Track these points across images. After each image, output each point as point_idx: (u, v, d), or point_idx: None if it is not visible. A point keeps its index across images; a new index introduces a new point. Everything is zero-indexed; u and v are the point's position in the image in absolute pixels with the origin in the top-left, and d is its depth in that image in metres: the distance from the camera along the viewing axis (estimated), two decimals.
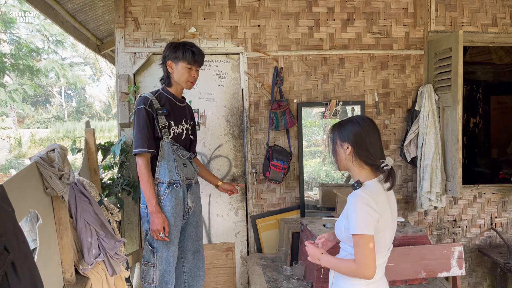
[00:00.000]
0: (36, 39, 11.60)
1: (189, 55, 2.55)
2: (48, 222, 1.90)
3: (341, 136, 1.83)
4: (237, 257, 3.54)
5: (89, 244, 2.09)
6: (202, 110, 3.44)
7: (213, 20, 3.36)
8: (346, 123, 1.85)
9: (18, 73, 11.11)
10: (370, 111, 3.55)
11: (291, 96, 3.47)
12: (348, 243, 1.82)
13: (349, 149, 1.80)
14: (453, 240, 3.70)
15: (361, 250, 1.66)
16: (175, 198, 2.57)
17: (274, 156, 3.28)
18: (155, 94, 2.61)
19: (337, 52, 3.49)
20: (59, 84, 22.57)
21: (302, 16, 3.45)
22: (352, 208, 1.72)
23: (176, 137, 2.63)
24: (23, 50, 10.67)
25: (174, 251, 2.60)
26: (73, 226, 2.11)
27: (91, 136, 2.85)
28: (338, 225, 1.88)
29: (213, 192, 3.47)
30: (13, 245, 1.29)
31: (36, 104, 23.77)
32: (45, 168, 1.79)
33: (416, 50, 3.57)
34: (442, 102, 3.41)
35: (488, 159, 5.24)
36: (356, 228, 1.66)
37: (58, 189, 1.83)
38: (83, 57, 25.06)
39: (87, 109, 27.29)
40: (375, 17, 3.52)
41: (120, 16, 3.25)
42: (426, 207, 3.38)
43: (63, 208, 1.95)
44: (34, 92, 11.61)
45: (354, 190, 1.79)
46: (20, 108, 11.75)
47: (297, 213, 3.52)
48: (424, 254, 2.66)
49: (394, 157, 3.60)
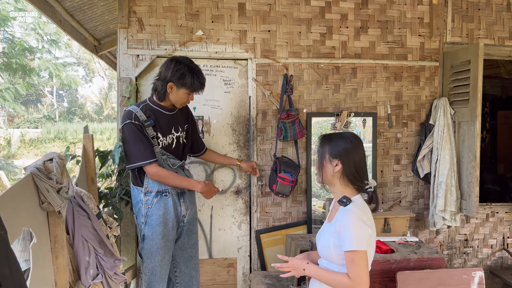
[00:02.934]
0: (31, 37, 11.34)
1: (196, 86, 2.54)
2: (43, 240, 1.71)
3: (332, 152, 1.81)
4: (239, 274, 3.36)
5: (86, 264, 1.90)
6: (206, 117, 3.26)
7: (221, 23, 3.20)
8: (338, 139, 1.83)
9: (11, 72, 10.84)
10: (382, 123, 3.40)
11: (300, 106, 3.31)
12: (337, 261, 1.78)
13: (339, 166, 1.78)
14: (464, 261, 3.56)
15: (357, 267, 1.64)
16: (164, 207, 2.56)
17: (282, 168, 3.11)
18: (140, 105, 2.59)
19: (350, 61, 3.34)
20: (51, 84, 22.26)
21: (314, 22, 3.30)
22: (346, 225, 1.68)
23: (166, 147, 2.62)
24: (17, 48, 10.40)
25: (160, 260, 2.58)
26: (69, 243, 1.91)
27: (90, 142, 2.65)
28: (323, 243, 1.83)
29: (215, 204, 3.29)
30: (5, 274, 1.10)
31: (27, 104, 23.42)
32: (42, 180, 1.60)
33: (431, 61, 3.43)
34: (458, 116, 3.27)
35: (494, 175, 5.12)
36: (353, 245, 1.64)
37: (55, 204, 1.64)
38: (76, 58, 24.79)
39: (79, 110, 26.98)
40: (389, 25, 3.38)
41: (123, 16, 3.07)
42: (439, 226, 3.23)
43: (59, 224, 1.76)
44: (27, 92, 11.32)
45: (343, 206, 1.76)
46: (12, 107, 11.46)
47: (304, 228, 3.34)
48: (443, 279, 2.50)
49: (406, 172, 3.45)
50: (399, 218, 3.04)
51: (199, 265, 2.90)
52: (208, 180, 3.27)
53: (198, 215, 3.24)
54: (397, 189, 3.45)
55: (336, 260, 1.76)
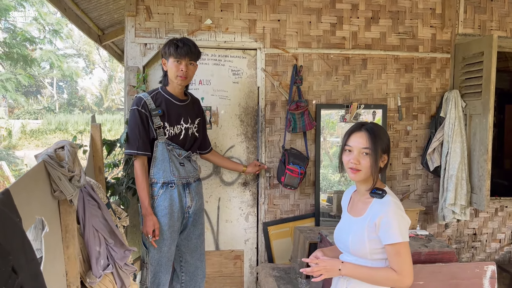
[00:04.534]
0: (32, 27, 11.23)
1: (172, 49, 2.47)
2: (54, 230, 1.67)
3: (383, 147, 1.74)
4: (246, 266, 3.33)
5: (97, 254, 1.86)
6: (214, 108, 3.22)
7: (230, 12, 3.14)
8: (382, 132, 1.76)
9: (12, 62, 10.75)
10: (392, 115, 3.36)
11: (309, 97, 3.26)
12: (370, 257, 1.71)
13: (386, 161, 1.76)
14: (472, 255, 3.53)
15: (404, 258, 1.60)
16: (169, 198, 2.56)
17: (290, 160, 3.07)
18: (151, 93, 2.57)
19: (360, 52, 3.29)
20: (51, 75, 22.15)
21: (324, 12, 3.24)
22: (389, 217, 1.63)
23: (172, 137, 2.59)
24: (18, 38, 10.31)
25: (166, 252, 2.59)
26: (79, 233, 1.87)
27: (97, 131, 2.60)
28: (354, 239, 1.74)
29: (222, 196, 3.26)
30: (22, 264, 1.07)
31: (27, 95, 23.34)
32: (54, 168, 1.56)
33: (442, 53, 3.38)
34: (470, 109, 3.23)
35: (500, 169, 5.08)
36: (399, 236, 1.60)
37: (67, 193, 1.60)
38: (76, 49, 24.65)
39: (79, 101, 26.88)
40: (401, 16, 3.33)
41: (131, 3, 3.01)
42: (449, 220, 3.20)
43: (71, 213, 1.72)
44: (29, 82, 11.23)
45: (379, 198, 1.71)
46: (13, 98, 11.39)
47: (311, 221, 3.31)
48: (455, 273, 2.46)
49: (415, 165, 3.41)
50: (408, 212, 3.00)
51: (205, 256, 2.88)
52: (214, 172, 3.23)
53: (205, 207, 3.21)
54: (406, 182, 3.42)
55: (370, 255, 1.71)
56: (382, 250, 1.69)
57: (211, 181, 3.24)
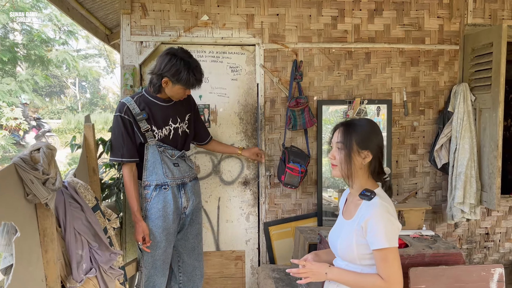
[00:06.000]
0: (48, 28, 11.40)
1: (192, 82, 2.43)
2: (31, 234, 1.63)
3: (361, 142, 1.63)
4: (247, 267, 3.26)
5: (79, 258, 1.82)
6: (213, 106, 3.15)
7: (227, 7, 3.06)
8: (365, 127, 1.66)
9: (30, 64, 10.93)
10: (398, 111, 3.23)
11: (310, 93, 3.16)
12: (359, 262, 1.63)
13: (368, 158, 1.64)
14: (485, 255, 3.37)
15: (391, 265, 1.52)
16: (163, 200, 2.52)
17: (291, 159, 2.99)
18: (134, 97, 2.51)
19: (363, 46, 3.17)
20: (74, 76, 22.50)
21: (325, 5, 3.13)
22: (375, 220, 1.54)
23: (163, 139, 2.55)
24: (35, 40, 10.46)
25: (161, 254, 2.55)
26: (61, 236, 1.84)
27: (90, 131, 2.58)
28: (343, 243, 1.67)
29: (222, 196, 3.19)
30: None
31: (51, 95, 23.81)
32: (26, 171, 1.52)
33: (450, 45, 3.22)
34: (480, 103, 3.07)
35: None
36: (385, 241, 1.51)
37: (41, 196, 1.56)
38: (98, 49, 24.96)
39: (101, 100, 27.23)
40: (406, 7, 3.19)
41: (126, 1, 2.97)
42: (458, 219, 3.06)
43: (48, 217, 1.69)
44: (46, 83, 11.41)
45: (367, 200, 1.61)
46: (30, 99, 11.57)
47: (314, 221, 3.22)
48: (460, 276, 2.34)
49: (423, 162, 3.28)
50: (414, 211, 2.88)
51: (202, 256, 2.85)
52: (214, 171, 3.17)
53: (204, 207, 3.16)
54: (413, 180, 3.28)
55: (359, 260, 1.63)
56: (371, 255, 1.60)
57: (211, 180, 3.18)
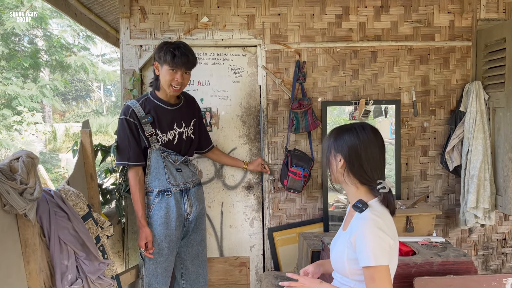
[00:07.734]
0: (67, 34, 11.62)
1: (168, 57, 2.32)
2: (11, 244, 1.60)
3: (336, 145, 1.58)
4: (252, 273, 3.18)
5: (64, 268, 1.78)
6: (214, 109, 3.09)
7: (227, 8, 2.99)
8: (344, 130, 1.59)
9: (51, 69, 11.18)
10: (407, 111, 3.09)
11: (314, 94, 3.06)
12: (351, 277, 1.55)
13: (341, 162, 1.57)
14: (502, 262, 3.20)
15: (377, 285, 1.41)
16: (166, 207, 2.48)
17: (293, 162, 2.89)
18: (140, 100, 2.47)
19: (369, 44, 3.05)
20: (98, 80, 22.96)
21: (328, 3, 3.03)
22: (362, 235, 1.45)
23: (166, 144, 2.51)
24: (55, 45, 10.69)
25: (163, 262, 2.51)
26: (47, 246, 1.80)
27: (87, 137, 2.55)
28: (336, 255, 1.59)
29: (225, 200, 3.12)
30: None
31: (77, 99, 24.37)
32: (1, 181, 1.48)
33: (462, 41, 3.07)
34: (494, 102, 2.91)
35: None
36: (371, 259, 1.42)
37: (18, 207, 1.52)
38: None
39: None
40: (414, 3, 3.05)
41: (125, 4, 2.93)
42: (471, 225, 2.90)
43: (29, 227, 1.65)
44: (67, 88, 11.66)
45: (359, 212, 1.51)
46: (51, 104, 11.82)
47: (320, 226, 3.11)
48: (469, 287, 2.20)
49: (434, 164, 3.13)
50: (423, 216, 2.74)
51: (206, 263, 2.78)
52: (217, 175, 3.11)
53: (207, 212, 3.10)
54: (424, 183, 3.14)
55: (351, 275, 1.55)
56: (361, 271, 1.50)
57: (213, 185, 3.11)
